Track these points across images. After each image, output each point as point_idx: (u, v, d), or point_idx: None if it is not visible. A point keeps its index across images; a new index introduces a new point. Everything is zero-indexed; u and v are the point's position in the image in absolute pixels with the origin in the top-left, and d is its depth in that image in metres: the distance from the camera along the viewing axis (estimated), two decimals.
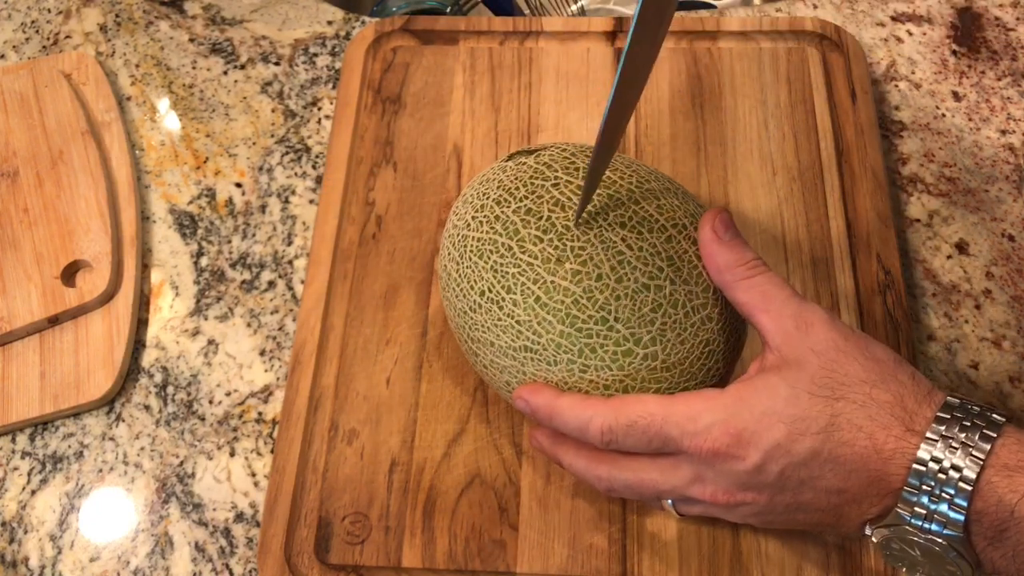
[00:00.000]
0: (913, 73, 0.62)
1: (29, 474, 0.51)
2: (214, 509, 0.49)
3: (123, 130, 0.61)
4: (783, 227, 0.54)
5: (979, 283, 0.54)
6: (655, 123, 0.58)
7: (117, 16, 0.68)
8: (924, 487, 0.35)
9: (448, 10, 0.83)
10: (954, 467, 0.34)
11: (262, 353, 0.54)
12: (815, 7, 0.65)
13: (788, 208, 0.55)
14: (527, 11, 0.83)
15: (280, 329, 0.54)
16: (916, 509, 0.35)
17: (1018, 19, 0.64)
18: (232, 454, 0.51)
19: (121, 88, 0.64)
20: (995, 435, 0.35)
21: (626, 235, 0.41)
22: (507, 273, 0.41)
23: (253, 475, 0.50)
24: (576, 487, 0.47)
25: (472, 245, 0.43)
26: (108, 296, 0.54)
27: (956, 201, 0.57)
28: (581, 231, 0.41)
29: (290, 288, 0.56)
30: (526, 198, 0.43)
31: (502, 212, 0.43)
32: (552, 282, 0.41)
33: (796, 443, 0.36)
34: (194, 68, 0.65)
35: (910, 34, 0.64)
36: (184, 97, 0.64)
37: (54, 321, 0.53)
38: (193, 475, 0.50)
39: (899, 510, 0.36)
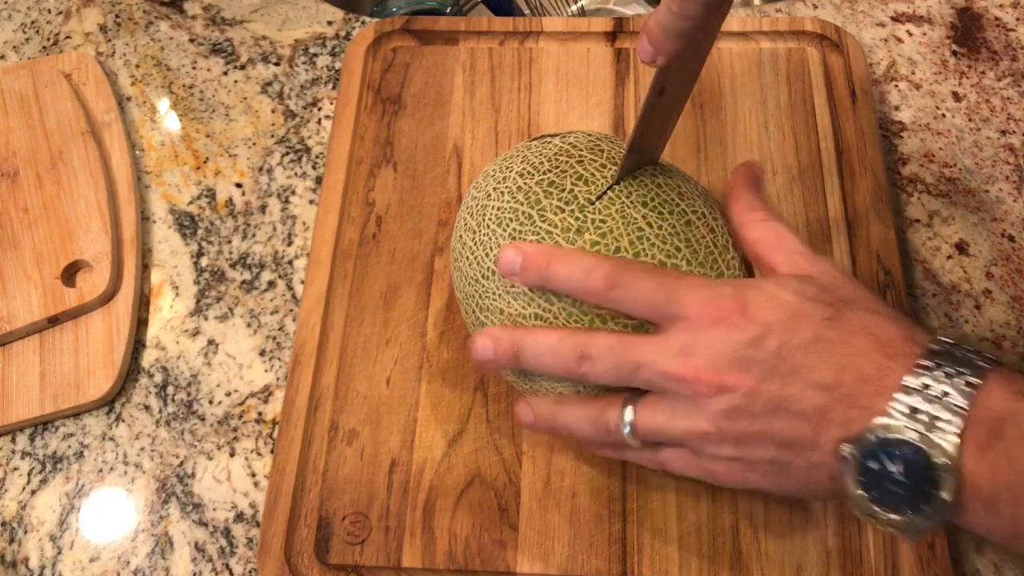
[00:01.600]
0: (913, 73, 0.62)
1: (29, 474, 0.51)
2: (214, 509, 0.49)
3: (123, 130, 0.61)
4: None
5: (979, 283, 0.54)
6: None
7: (117, 16, 0.68)
8: (940, 363, 0.35)
9: (448, 10, 0.83)
10: (959, 372, 0.35)
11: (262, 353, 0.54)
12: (815, 7, 0.65)
13: (788, 208, 0.55)
14: (527, 11, 0.83)
15: (280, 329, 0.54)
16: (926, 387, 0.34)
17: (1018, 19, 0.64)
18: (232, 454, 0.51)
19: (121, 88, 0.64)
20: (994, 358, 0.36)
21: (647, 213, 0.42)
22: (525, 241, 0.42)
23: (253, 475, 0.50)
24: (576, 487, 0.47)
25: (491, 214, 0.44)
26: (108, 296, 0.54)
27: (956, 201, 0.57)
28: (603, 205, 0.42)
29: (290, 288, 0.56)
30: (550, 171, 0.43)
31: (524, 183, 0.43)
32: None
33: (800, 324, 0.37)
34: (194, 68, 0.65)
35: (910, 34, 0.64)
36: (184, 97, 0.64)
37: (54, 321, 0.53)
38: (193, 475, 0.50)
39: (898, 395, 0.35)
